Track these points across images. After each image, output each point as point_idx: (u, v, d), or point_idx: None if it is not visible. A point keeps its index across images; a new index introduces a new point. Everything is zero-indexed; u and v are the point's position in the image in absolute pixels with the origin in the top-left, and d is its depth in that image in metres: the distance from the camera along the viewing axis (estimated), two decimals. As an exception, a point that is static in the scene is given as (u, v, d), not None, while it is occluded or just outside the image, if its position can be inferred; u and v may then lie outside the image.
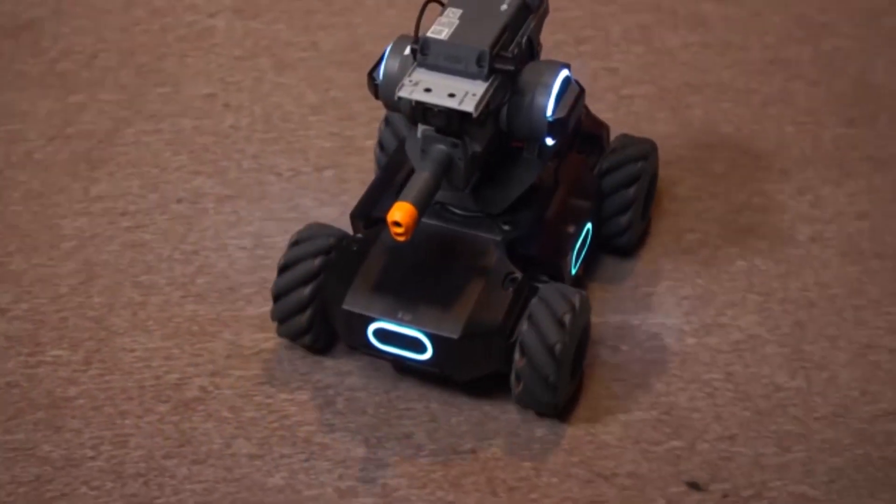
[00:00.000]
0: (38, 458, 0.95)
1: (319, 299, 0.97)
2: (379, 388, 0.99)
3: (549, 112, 0.91)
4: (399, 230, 0.86)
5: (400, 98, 0.89)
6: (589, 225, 1.02)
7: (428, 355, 0.93)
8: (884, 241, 1.09)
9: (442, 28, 0.91)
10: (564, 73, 0.93)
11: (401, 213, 0.86)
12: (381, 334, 0.93)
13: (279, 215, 1.13)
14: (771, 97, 1.23)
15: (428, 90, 0.88)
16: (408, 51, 0.93)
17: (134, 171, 1.17)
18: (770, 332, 1.03)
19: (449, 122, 0.89)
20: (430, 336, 0.92)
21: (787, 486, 0.92)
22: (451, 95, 0.88)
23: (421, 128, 0.91)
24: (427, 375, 0.98)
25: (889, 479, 0.93)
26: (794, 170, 1.16)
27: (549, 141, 0.93)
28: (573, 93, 0.93)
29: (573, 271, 1.00)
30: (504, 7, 0.92)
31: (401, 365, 0.98)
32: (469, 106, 0.87)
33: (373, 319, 0.93)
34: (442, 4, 0.93)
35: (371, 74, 0.95)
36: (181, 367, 1.01)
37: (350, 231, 1.01)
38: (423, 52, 0.90)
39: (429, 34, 0.90)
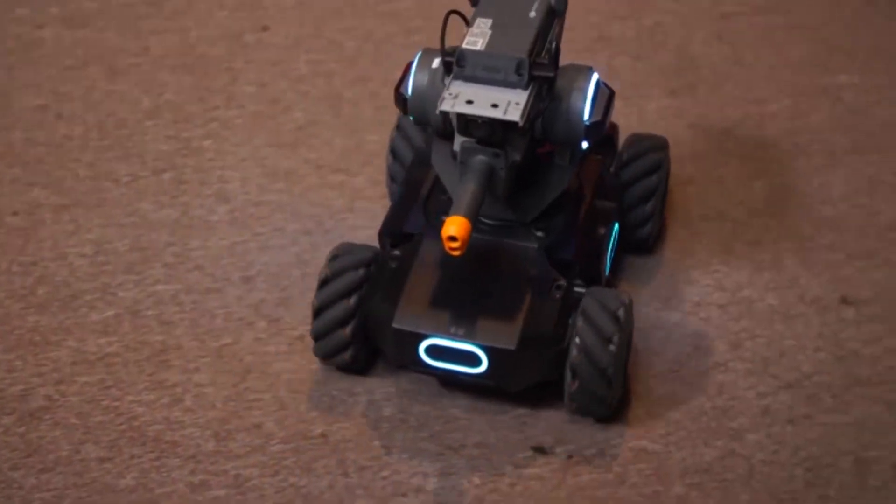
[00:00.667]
0: None
1: (361, 319, 0.95)
2: (227, 382, 1.00)
3: (586, 116, 0.92)
4: (455, 244, 0.85)
5: (441, 112, 0.88)
6: (617, 225, 1.03)
7: (482, 368, 0.92)
8: (709, 203, 1.14)
9: (476, 39, 0.90)
10: (596, 76, 0.94)
11: (455, 227, 0.84)
12: (434, 350, 0.93)
13: (118, 220, 1.13)
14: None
15: (470, 102, 0.87)
16: (436, 63, 0.93)
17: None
18: None
19: (493, 132, 0.88)
20: (486, 349, 0.91)
21: (627, 443, 0.96)
22: (495, 106, 0.87)
23: (460, 140, 0.90)
24: (474, 388, 0.97)
25: (722, 427, 0.97)
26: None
27: (585, 144, 0.93)
28: (604, 95, 0.94)
29: (607, 273, 1.01)
30: (533, 14, 0.92)
31: (449, 379, 0.97)
32: (515, 115, 0.86)
33: (425, 336, 0.92)
34: (462, 16, 0.92)
35: (398, 90, 0.94)
36: (25, 377, 1.00)
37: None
38: (460, 64, 0.89)
39: (464, 45, 0.89)
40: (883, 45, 1.30)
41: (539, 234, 0.96)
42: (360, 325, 0.95)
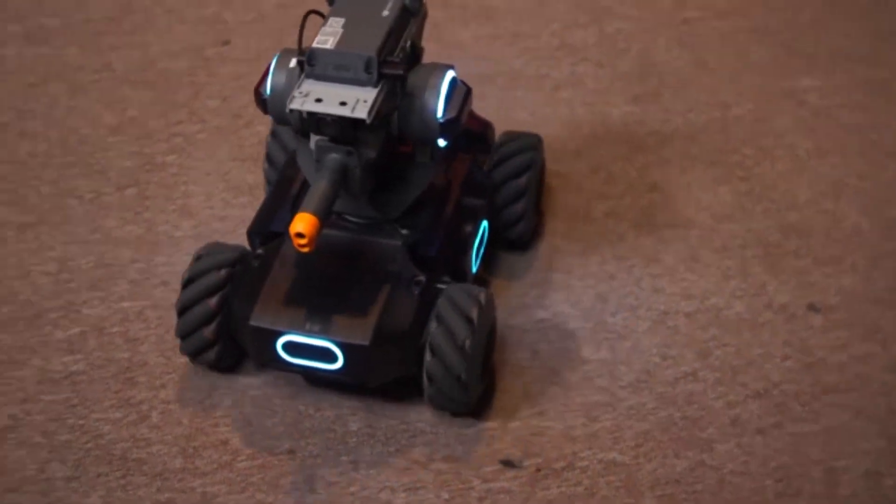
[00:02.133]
0: None
1: (225, 317, 0.96)
2: (193, 398, 0.99)
3: (439, 113, 0.92)
4: (302, 241, 0.86)
5: (291, 110, 0.88)
6: (485, 223, 1.03)
7: (339, 364, 0.93)
8: (675, 210, 1.14)
9: (327, 38, 0.90)
10: (451, 73, 0.94)
11: (303, 223, 0.85)
12: (291, 347, 0.93)
13: (83, 238, 1.12)
14: (561, 81, 1.27)
15: (319, 100, 0.88)
16: (293, 63, 0.93)
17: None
18: (573, 306, 1.06)
19: (342, 130, 0.89)
20: (341, 345, 0.92)
21: (596, 455, 0.96)
22: (343, 104, 0.88)
23: (314, 138, 0.91)
24: (337, 385, 0.98)
25: (692, 437, 0.97)
26: (587, 149, 1.20)
27: (442, 142, 0.93)
28: (461, 92, 0.94)
29: (474, 270, 1.02)
30: (386, 13, 0.92)
31: (311, 376, 0.98)
32: (362, 113, 0.87)
33: (281, 333, 0.92)
34: (322, 15, 0.93)
35: (258, 90, 0.94)
36: (-11, 398, 1.00)
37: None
38: (311, 63, 0.89)
39: (314, 44, 0.90)
40: (843, 48, 1.31)
41: (404, 231, 0.97)
42: (224, 324, 0.96)
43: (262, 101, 0.94)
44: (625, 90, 1.26)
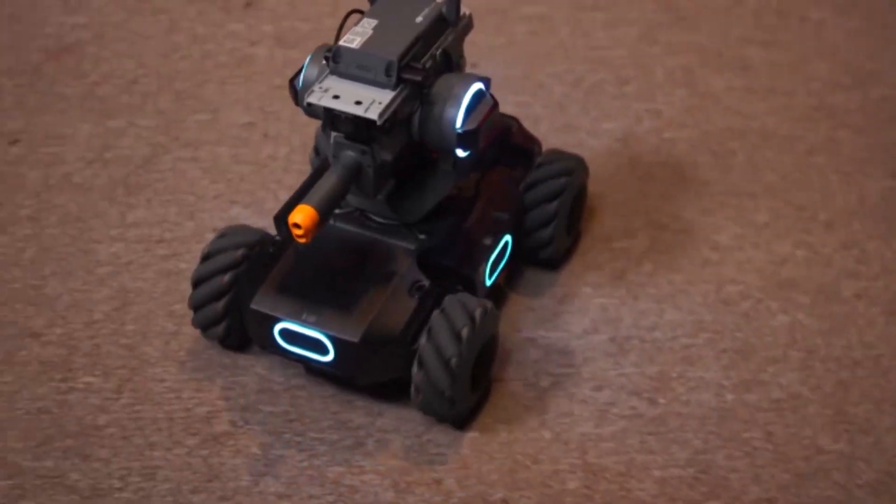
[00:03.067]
0: (65, 486, 0.94)
1: (234, 296, 0.98)
2: (410, 431, 0.98)
3: (458, 123, 0.92)
4: (299, 232, 0.88)
5: (309, 104, 0.91)
6: (508, 237, 1.03)
7: (330, 357, 0.94)
8: (928, 299, 1.08)
9: (355, 37, 0.92)
10: (477, 86, 0.93)
11: (301, 215, 0.87)
12: (287, 335, 0.95)
13: (315, 249, 1.12)
14: (816, 145, 1.22)
15: (336, 97, 0.90)
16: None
17: (171, 198, 1.17)
18: (812, 391, 1.01)
19: (356, 128, 0.90)
20: (332, 338, 0.93)
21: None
22: (358, 103, 0.89)
23: (333, 134, 0.92)
24: (332, 378, 1.00)
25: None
26: (839, 222, 1.14)
27: (461, 152, 0.94)
28: (486, 106, 0.94)
29: (488, 283, 1.01)
30: (419, 19, 0.93)
31: (309, 367, 1.00)
32: (374, 114, 0.88)
33: (278, 319, 0.94)
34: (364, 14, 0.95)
35: (292, 82, 0.96)
36: (212, 399, 1.00)
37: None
38: (335, 61, 0.91)
39: (341, 42, 0.92)
40: None
41: (422, 236, 0.98)
42: (234, 301, 0.98)
43: (294, 92, 0.96)
44: (887, 163, 1.20)
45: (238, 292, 0.98)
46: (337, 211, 0.98)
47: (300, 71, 0.96)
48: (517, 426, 0.98)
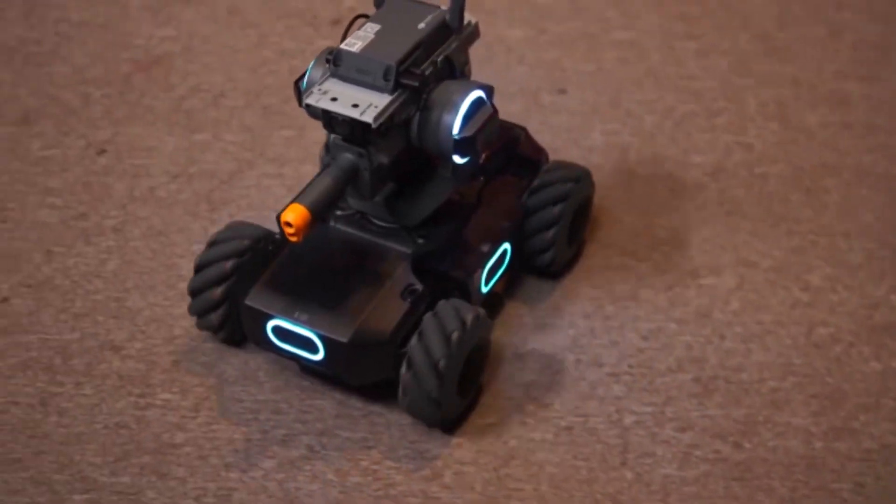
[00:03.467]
0: (140, 504, 0.94)
1: (231, 288, 1.00)
2: (488, 464, 0.96)
3: (455, 130, 0.93)
4: (290, 230, 0.89)
5: (307, 105, 0.92)
6: (507, 245, 1.03)
7: (320, 356, 0.95)
8: None
9: (356, 41, 0.93)
10: (476, 93, 0.94)
11: (293, 214, 0.89)
12: (280, 332, 0.96)
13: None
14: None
15: (334, 99, 0.91)
16: None
17: (254, 214, 1.16)
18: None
19: (352, 131, 0.92)
20: (322, 337, 0.94)
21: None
22: (355, 106, 0.91)
23: (331, 136, 0.94)
24: (324, 378, 1.01)
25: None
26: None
27: (458, 159, 0.95)
28: (485, 113, 0.94)
29: (484, 289, 1.02)
30: (422, 26, 0.95)
31: (302, 366, 1.01)
32: (369, 117, 0.90)
33: (271, 316, 0.96)
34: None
35: (297, 83, 0.96)
36: (289, 422, 1.00)
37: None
38: (336, 64, 0.93)
39: (342, 46, 0.93)
40: None
41: (420, 240, 0.99)
42: (231, 292, 1.00)
43: (298, 93, 0.96)
44: None
45: (236, 286, 0.99)
46: (338, 213, 1.01)
47: (305, 73, 0.97)
48: (597, 463, 0.96)
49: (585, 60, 1.33)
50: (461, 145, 0.94)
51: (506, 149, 1.08)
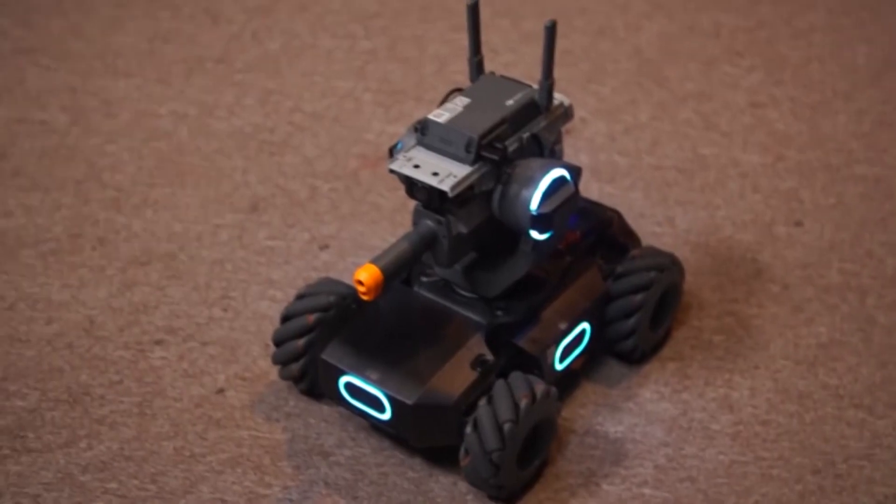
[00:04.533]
0: None
1: (313, 341, 1.03)
2: None
3: (533, 205, 0.94)
4: (362, 289, 0.92)
5: (391, 170, 0.95)
6: (585, 325, 1.04)
7: (387, 416, 0.98)
8: None
9: (444, 112, 0.96)
10: (557, 171, 0.95)
11: (366, 273, 0.91)
12: (351, 389, 0.99)
13: (614, 402, 1.08)
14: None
15: (417, 166, 0.94)
16: None
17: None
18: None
19: (430, 198, 0.94)
20: (389, 397, 0.96)
21: None
22: (435, 174, 0.93)
23: (416, 202, 0.96)
24: (393, 437, 1.02)
25: None
26: None
27: (536, 234, 0.96)
28: (566, 192, 0.96)
29: (558, 367, 1.03)
30: (510, 102, 0.97)
31: (371, 424, 1.02)
32: (446, 186, 0.92)
33: (344, 372, 0.98)
34: None
35: (391, 149, 0.98)
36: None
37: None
38: (423, 133, 0.96)
39: (429, 116, 0.96)
40: None
41: (498, 312, 1.01)
42: (313, 345, 1.02)
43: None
44: None
45: (318, 340, 1.02)
46: (423, 278, 1.03)
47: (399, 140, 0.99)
48: None
49: (825, 193, 1.27)
50: (538, 221, 0.95)
51: (597, 231, 1.08)
